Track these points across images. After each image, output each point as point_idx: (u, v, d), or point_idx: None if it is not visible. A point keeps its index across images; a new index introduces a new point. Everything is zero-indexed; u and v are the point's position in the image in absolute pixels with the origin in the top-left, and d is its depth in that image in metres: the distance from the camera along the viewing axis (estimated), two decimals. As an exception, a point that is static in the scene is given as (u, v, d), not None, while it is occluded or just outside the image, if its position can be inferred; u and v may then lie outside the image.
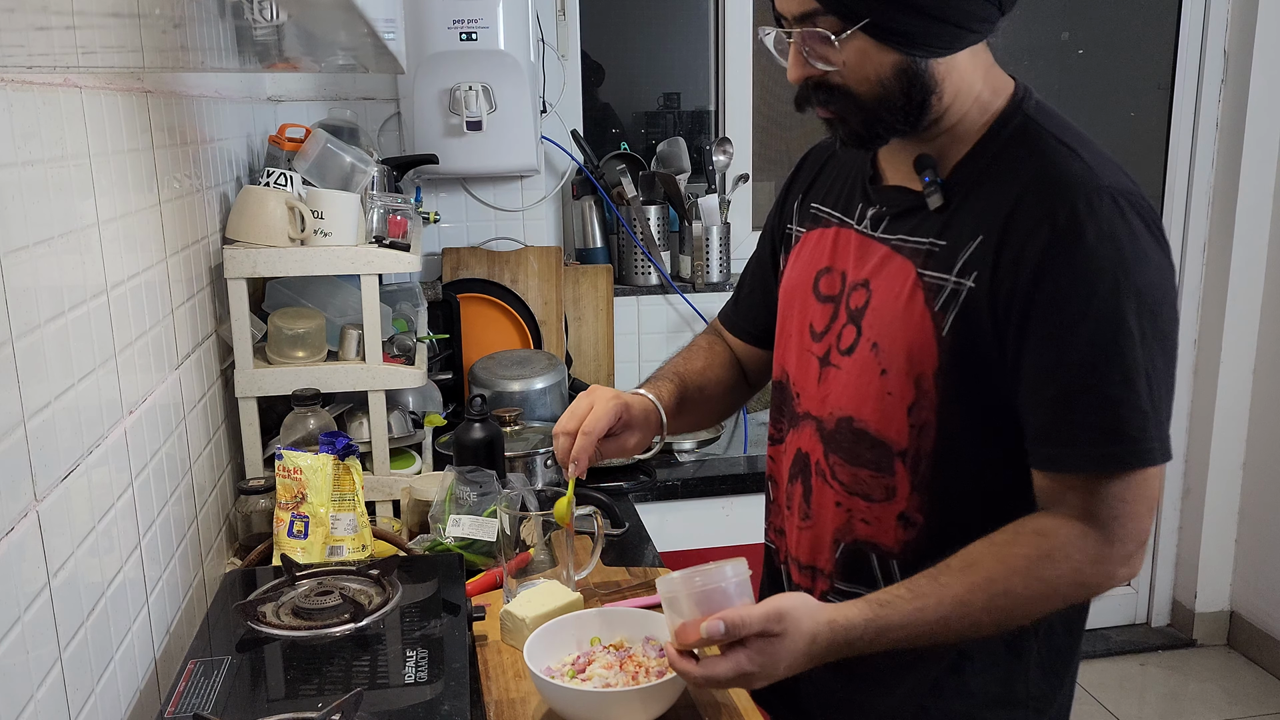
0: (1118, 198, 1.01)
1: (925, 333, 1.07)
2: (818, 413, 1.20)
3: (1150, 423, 1.00)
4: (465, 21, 2.26)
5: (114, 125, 1.17)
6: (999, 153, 1.08)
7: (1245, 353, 3.11)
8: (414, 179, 2.36)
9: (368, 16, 0.89)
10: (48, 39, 0.88)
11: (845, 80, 1.06)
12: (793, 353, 1.25)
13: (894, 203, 1.15)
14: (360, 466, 1.49)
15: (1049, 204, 1.01)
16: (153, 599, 1.21)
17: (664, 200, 2.68)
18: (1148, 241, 1.01)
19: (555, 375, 2.24)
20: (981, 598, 1.02)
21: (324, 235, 1.67)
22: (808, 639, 1.01)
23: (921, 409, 1.09)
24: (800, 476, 1.23)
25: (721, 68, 2.81)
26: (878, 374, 1.12)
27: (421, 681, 1.04)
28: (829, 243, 1.22)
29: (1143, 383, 0.99)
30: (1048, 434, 1.03)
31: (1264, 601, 3.16)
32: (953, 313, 1.06)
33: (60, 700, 0.93)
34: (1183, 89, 3.05)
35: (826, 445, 1.18)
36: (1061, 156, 1.05)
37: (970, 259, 1.05)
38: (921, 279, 1.09)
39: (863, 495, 1.15)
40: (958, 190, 1.10)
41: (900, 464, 1.12)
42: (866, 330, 1.13)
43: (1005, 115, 1.10)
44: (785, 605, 1.01)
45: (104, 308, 1.10)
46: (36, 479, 0.90)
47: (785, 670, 1.02)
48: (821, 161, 1.32)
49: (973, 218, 1.07)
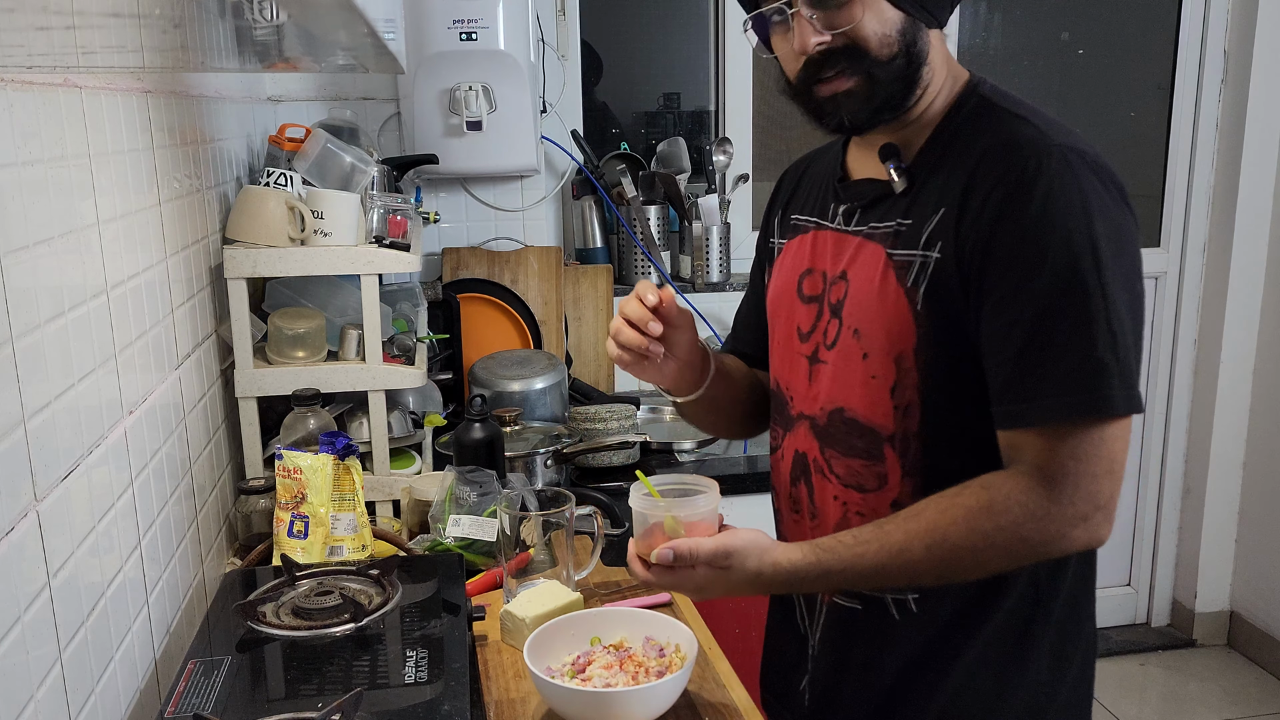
0: (1068, 154, 1.02)
1: (900, 309, 1.09)
2: (810, 411, 1.21)
3: (1110, 371, 0.99)
4: (465, 21, 2.26)
5: (114, 125, 1.17)
6: (956, 131, 1.11)
7: (1245, 353, 3.11)
8: (414, 179, 2.36)
9: (368, 16, 0.89)
10: (48, 39, 0.88)
11: (858, 38, 1.07)
12: (784, 358, 1.26)
13: (862, 195, 1.17)
14: (360, 466, 1.49)
15: (1002, 167, 1.04)
16: (153, 599, 1.21)
17: (664, 200, 2.68)
18: (1102, 196, 1.01)
19: (555, 375, 2.24)
20: (920, 545, 1.03)
21: (324, 235, 1.67)
22: (751, 575, 1.08)
23: (904, 388, 1.10)
24: (802, 477, 1.23)
25: (721, 68, 2.81)
26: (860, 359, 1.13)
27: (421, 681, 1.04)
28: (808, 246, 1.24)
29: (1101, 332, 0.99)
30: (1008, 390, 1.03)
31: (1264, 601, 3.16)
32: (923, 286, 1.08)
33: (60, 700, 0.93)
34: (1183, 89, 3.06)
35: (821, 440, 1.19)
36: (1014, 125, 1.08)
37: (934, 231, 1.08)
38: (891, 259, 1.11)
39: (857, 486, 1.16)
40: (920, 171, 1.12)
41: (889, 449, 1.13)
42: (847, 320, 1.15)
43: (962, 98, 1.13)
44: (733, 544, 1.07)
45: (104, 308, 1.10)
46: (36, 479, 0.90)
47: (725, 593, 1.10)
48: (798, 176, 1.34)
49: (935, 194, 1.09)
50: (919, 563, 1.04)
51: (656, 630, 1.22)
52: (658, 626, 1.22)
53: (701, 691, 1.21)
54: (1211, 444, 3.16)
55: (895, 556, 1.04)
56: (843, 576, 1.07)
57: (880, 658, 1.18)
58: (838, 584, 1.10)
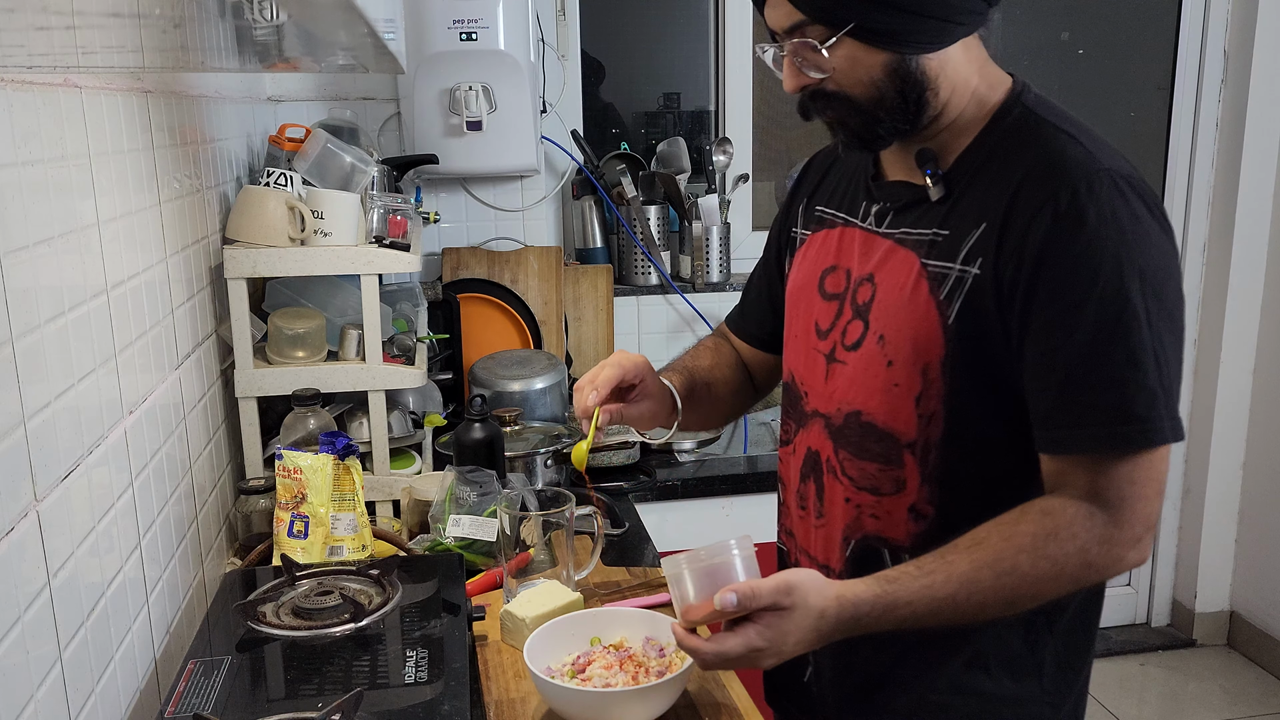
0: (1117, 180, 1.02)
1: (930, 321, 1.08)
2: (825, 409, 1.20)
3: (1159, 401, 1.00)
4: (465, 21, 2.26)
5: (114, 125, 1.17)
6: (999, 143, 1.09)
7: (1245, 353, 3.11)
8: (414, 179, 2.36)
9: (368, 16, 0.89)
10: (48, 39, 0.88)
11: (839, 85, 1.07)
12: (800, 352, 1.26)
13: (896, 197, 1.16)
14: (360, 466, 1.49)
15: (1050, 188, 1.02)
16: (153, 599, 1.21)
17: (664, 200, 2.68)
18: (1149, 223, 1.01)
19: (555, 375, 2.24)
20: (988, 575, 1.01)
21: (324, 235, 1.67)
22: (816, 614, 1.01)
23: (929, 399, 1.09)
24: (812, 475, 1.23)
25: (721, 68, 2.81)
26: (884, 366, 1.12)
27: (421, 681, 1.04)
28: (834, 242, 1.23)
29: (1150, 361, 0.99)
30: (1054, 417, 1.03)
31: (1264, 601, 3.16)
32: (958, 301, 1.07)
33: (60, 700, 0.93)
34: (1183, 89, 3.06)
35: (835, 441, 1.18)
36: (1060, 142, 1.06)
37: (974, 247, 1.06)
38: (925, 269, 1.09)
39: (871, 489, 1.15)
40: (959, 181, 1.10)
41: (909, 455, 1.12)
42: (873, 323, 1.14)
43: (1004, 108, 1.11)
44: (794, 579, 1.01)
45: (104, 308, 1.10)
46: (36, 479, 0.90)
47: (794, 646, 1.01)
48: (826, 166, 1.33)
49: (975, 206, 1.08)
50: (987, 591, 1.01)
51: (656, 630, 1.22)
52: (658, 626, 1.22)
53: (701, 691, 1.21)
54: (1211, 444, 3.16)
55: (964, 586, 1.01)
56: (910, 609, 1.01)
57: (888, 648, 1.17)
58: (903, 618, 1.02)
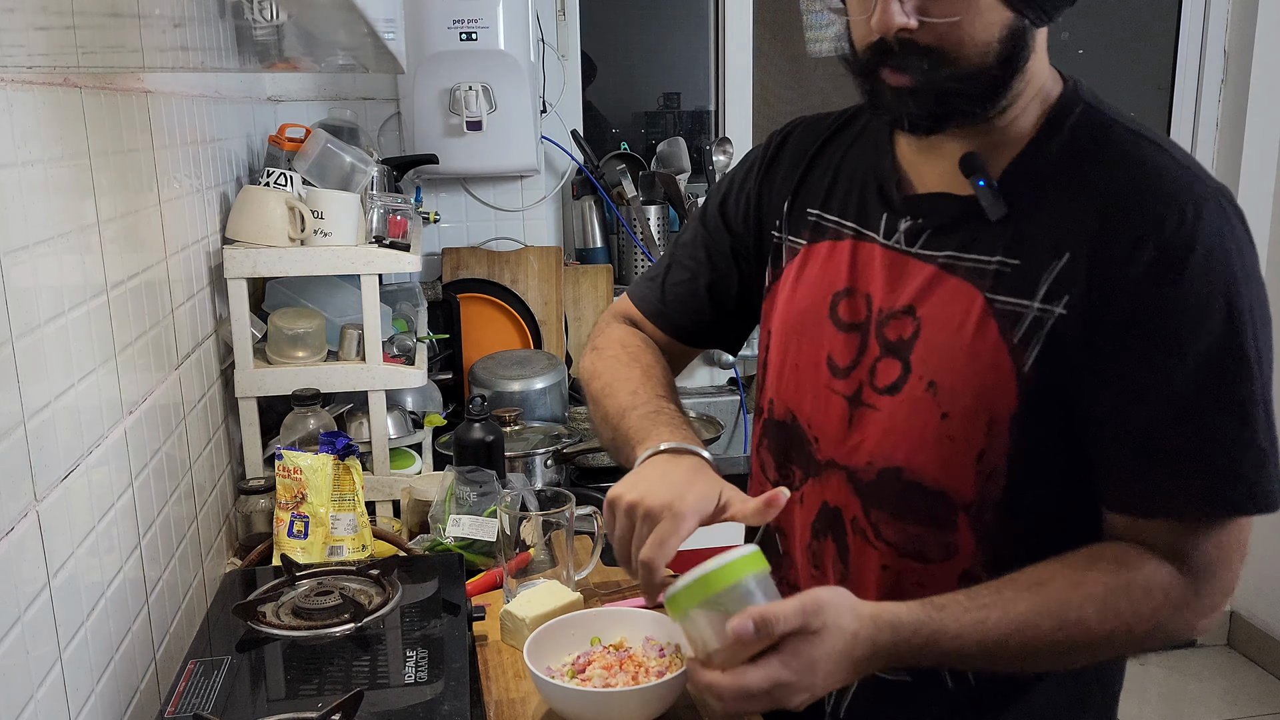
0: (1224, 203, 0.89)
1: (1001, 370, 0.92)
2: (849, 461, 1.03)
3: (1269, 462, 0.89)
4: (465, 21, 2.26)
5: (114, 125, 1.17)
6: (1066, 149, 0.94)
7: (1245, 353, 3.10)
8: (414, 179, 2.36)
9: (368, 16, 0.89)
10: (48, 39, 0.88)
11: (942, 40, 0.88)
12: (804, 389, 1.07)
13: (935, 212, 0.98)
14: (360, 466, 1.49)
15: (1151, 213, 0.88)
16: (153, 599, 1.21)
17: (664, 200, 2.68)
18: (1251, 251, 0.90)
19: (555, 375, 2.24)
20: (1049, 623, 0.88)
21: (324, 235, 1.67)
22: (849, 636, 0.86)
23: (992, 456, 0.94)
24: (829, 534, 1.06)
25: (721, 68, 2.81)
26: (936, 418, 0.96)
27: (421, 681, 1.04)
28: (844, 259, 1.04)
29: (1260, 416, 0.88)
30: (1142, 475, 0.90)
31: (1264, 601, 3.15)
32: (1036, 346, 0.91)
33: (60, 700, 0.93)
34: (1183, 89, 3.06)
35: (866, 499, 1.02)
36: (1146, 152, 0.92)
37: (1057, 281, 0.90)
38: (992, 306, 0.93)
39: (916, 555, 1.00)
40: (1022, 195, 0.94)
41: (963, 516, 0.97)
42: (918, 366, 0.97)
43: (1062, 104, 0.96)
44: (823, 597, 0.86)
45: (104, 308, 1.10)
46: (36, 479, 0.90)
47: (824, 679, 0.86)
48: (807, 154, 1.12)
49: (1049, 229, 0.92)
50: (1043, 640, 0.88)
51: (656, 630, 1.22)
52: (658, 626, 1.22)
53: (701, 691, 1.21)
54: (1211, 444, 3.15)
55: (1020, 629, 0.88)
56: (957, 643, 0.88)
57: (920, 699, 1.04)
58: (946, 652, 0.89)
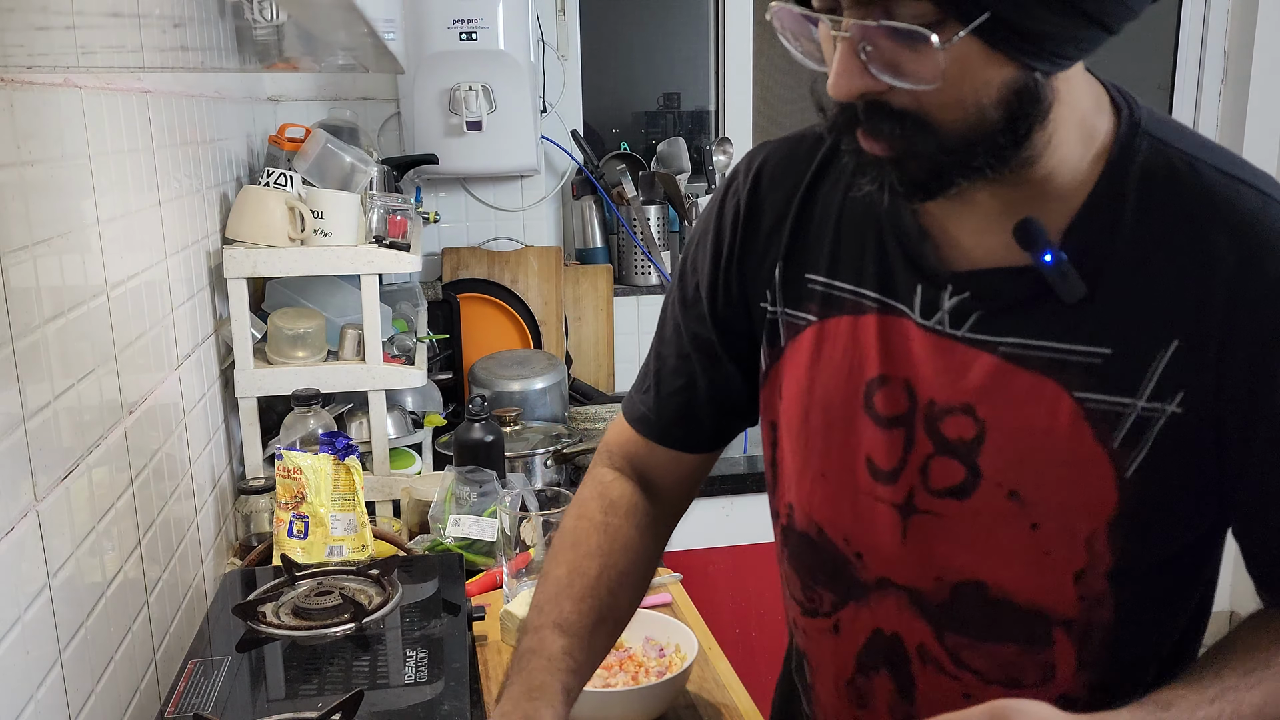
0: None
1: (1100, 476, 0.79)
2: (909, 580, 0.88)
3: None
4: (465, 21, 2.26)
5: (114, 125, 1.17)
6: (1141, 204, 0.77)
7: (1245, 353, 3.10)
8: (414, 179, 2.36)
9: (368, 16, 0.89)
10: (48, 39, 0.88)
11: (922, 103, 0.71)
12: (839, 501, 0.90)
13: (989, 290, 0.81)
14: (360, 466, 1.49)
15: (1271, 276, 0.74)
16: (153, 599, 1.21)
17: (664, 200, 2.68)
18: None
19: (555, 375, 2.24)
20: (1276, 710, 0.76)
21: (324, 235, 1.67)
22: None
23: (1095, 575, 0.82)
24: (885, 667, 0.91)
25: (721, 68, 2.81)
26: (1025, 529, 0.82)
27: (421, 681, 1.04)
28: (870, 339, 0.86)
29: None
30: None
31: (1264, 601, 3.15)
32: (1144, 449, 0.78)
33: (60, 700, 0.93)
34: (1183, 89, 3.05)
35: (937, 624, 0.88)
36: (1252, 202, 0.76)
37: (1167, 374, 0.76)
38: (1083, 406, 0.78)
39: (1009, 682, 0.86)
40: (1097, 267, 0.77)
41: (1062, 634, 0.84)
42: (992, 474, 0.82)
43: (1124, 143, 0.79)
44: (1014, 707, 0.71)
45: (104, 308, 1.10)
46: (36, 479, 0.90)
47: None
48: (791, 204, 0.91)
49: (1145, 310, 0.77)
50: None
51: (656, 630, 1.22)
52: (658, 626, 1.22)
53: (701, 691, 1.21)
54: (1211, 444, 3.15)
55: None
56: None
57: None
58: None
